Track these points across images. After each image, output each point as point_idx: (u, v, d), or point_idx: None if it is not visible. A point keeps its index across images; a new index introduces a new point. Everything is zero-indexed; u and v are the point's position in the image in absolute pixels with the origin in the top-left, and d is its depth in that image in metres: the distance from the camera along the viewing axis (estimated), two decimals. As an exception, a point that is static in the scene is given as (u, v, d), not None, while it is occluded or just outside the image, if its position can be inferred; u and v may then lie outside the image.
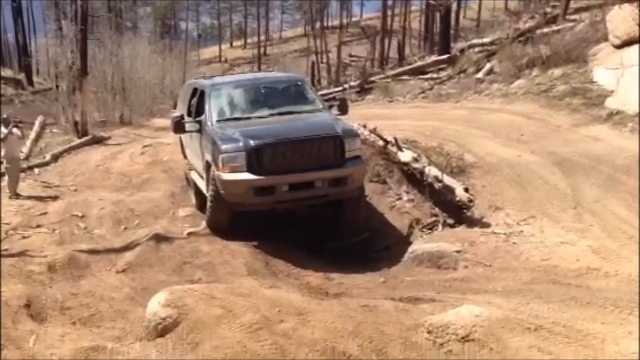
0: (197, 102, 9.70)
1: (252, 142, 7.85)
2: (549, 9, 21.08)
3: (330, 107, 9.54)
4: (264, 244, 8.04)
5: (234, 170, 7.83)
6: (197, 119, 9.21)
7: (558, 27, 17.26)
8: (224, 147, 7.94)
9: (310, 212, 9.06)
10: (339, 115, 9.19)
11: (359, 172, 8.28)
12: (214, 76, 11.37)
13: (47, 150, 17.42)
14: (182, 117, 9.53)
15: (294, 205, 8.48)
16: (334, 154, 8.00)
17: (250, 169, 7.80)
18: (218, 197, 8.15)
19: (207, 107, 9.04)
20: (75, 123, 20.55)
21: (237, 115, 8.98)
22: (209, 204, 8.47)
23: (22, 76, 35.36)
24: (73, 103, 22.37)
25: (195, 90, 10.16)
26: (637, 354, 4.31)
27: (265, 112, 9.04)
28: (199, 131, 9.01)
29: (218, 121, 8.77)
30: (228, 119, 8.84)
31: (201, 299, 5.21)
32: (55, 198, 11.46)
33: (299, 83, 9.99)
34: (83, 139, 18.99)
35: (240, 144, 7.89)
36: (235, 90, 9.49)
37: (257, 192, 7.86)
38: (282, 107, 9.16)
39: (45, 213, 10.23)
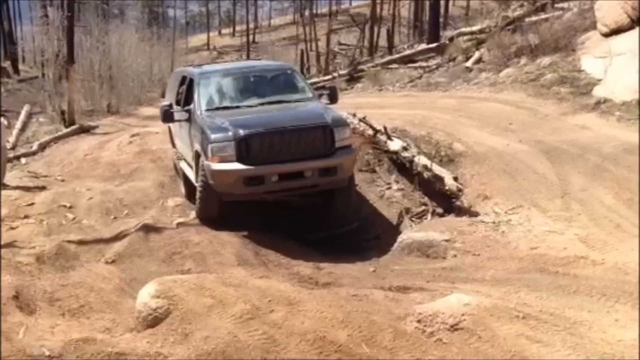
0: (186, 90, 9.64)
1: (241, 132, 7.82)
2: (537, -3, 21.14)
3: (320, 95, 9.53)
4: (253, 234, 8.03)
5: (223, 160, 7.80)
6: (186, 108, 9.16)
7: (547, 16, 17.30)
8: (213, 136, 7.91)
9: (300, 201, 9.06)
10: (328, 104, 9.18)
11: (349, 161, 8.28)
12: (202, 64, 11.30)
13: (33, 139, 17.27)
14: (170, 106, 9.46)
15: (283, 195, 8.47)
16: (323, 143, 7.99)
17: (239, 159, 7.77)
18: (207, 187, 8.13)
19: (196, 95, 8.98)
20: (62, 112, 20.35)
21: (227, 104, 8.94)
22: (198, 194, 8.44)
23: (7, 64, 34.96)
24: (60, 91, 22.15)
25: (184, 78, 10.08)
26: (622, 342, 4.38)
27: (254, 101, 9.01)
28: (188, 120, 8.97)
29: (207, 110, 8.71)
30: (217, 108, 8.79)
31: (191, 289, 5.22)
32: (42, 188, 11.37)
33: (289, 72, 9.95)
34: (70, 128, 18.79)
35: (230, 133, 7.85)
36: (225, 79, 9.43)
37: (247, 182, 7.84)
38: (272, 96, 9.12)
39: (33, 204, 10.15)
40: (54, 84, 23.01)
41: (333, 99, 9.31)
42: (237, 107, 8.85)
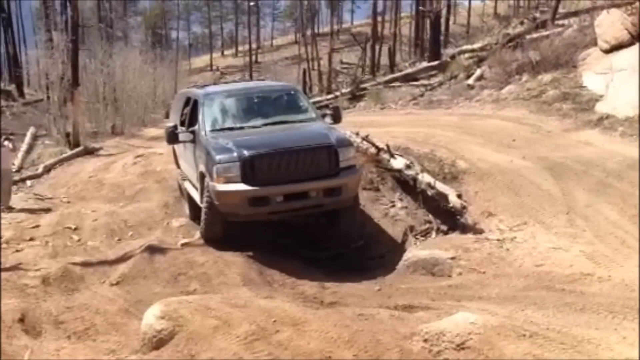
0: (190, 111, 9.69)
1: (246, 153, 7.83)
2: (537, 14, 21.29)
3: (324, 115, 9.57)
4: (258, 253, 8.03)
5: (228, 180, 7.82)
6: (191, 129, 9.20)
7: (547, 32, 17.39)
8: (218, 157, 7.93)
9: (305, 221, 9.06)
10: (332, 123, 9.22)
11: (354, 181, 8.29)
12: (206, 85, 11.37)
13: (39, 162, 17.38)
14: (175, 127, 9.52)
15: (288, 215, 8.47)
16: (328, 163, 7.99)
17: (244, 180, 7.78)
18: (212, 208, 8.13)
19: (200, 116, 9.02)
20: (67, 134, 20.49)
21: (231, 125, 8.97)
22: (203, 214, 8.44)
23: (12, 87, 35.22)
24: (64, 114, 22.32)
25: (188, 99, 10.14)
26: None
27: (258, 121, 9.04)
28: (193, 141, 9.00)
29: (212, 131, 8.74)
30: (222, 129, 8.82)
31: (197, 310, 5.21)
32: (47, 210, 11.42)
33: (292, 92, 9.99)
34: (75, 150, 18.92)
35: (235, 154, 7.87)
36: (229, 100, 9.47)
37: (252, 203, 7.84)
38: (276, 116, 9.16)
39: (38, 226, 10.19)
40: (59, 107, 23.19)
41: (337, 118, 9.36)
42: (242, 127, 8.88)
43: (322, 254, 8.79)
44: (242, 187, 7.78)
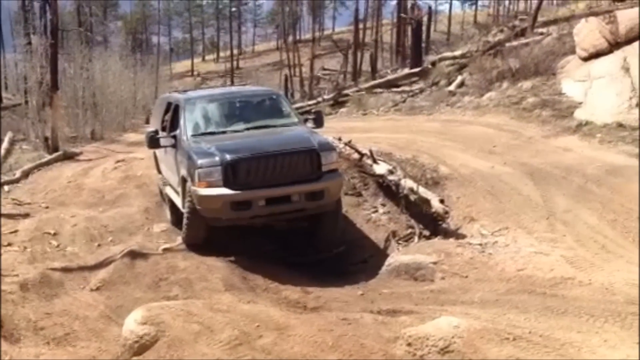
0: (172, 116, 9.64)
1: (228, 157, 7.80)
2: (517, 22, 21.53)
3: (306, 120, 9.57)
4: (240, 259, 7.99)
5: (210, 185, 7.77)
6: (172, 133, 9.15)
7: (527, 40, 17.58)
8: (199, 161, 7.89)
9: (287, 225, 9.04)
10: (314, 128, 9.22)
11: (336, 185, 8.29)
12: (188, 90, 11.32)
13: (16, 166, 17.08)
14: (156, 132, 9.46)
15: (271, 219, 8.44)
16: (310, 167, 8.00)
17: (226, 184, 7.74)
18: (194, 213, 8.08)
19: (181, 121, 8.98)
20: (46, 139, 20.23)
21: (213, 129, 8.93)
22: (185, 219, 8.38)
23: (-10, 92, 34.72)
24: (43, 119, 22.06)
25: (169, 104, 10.08)
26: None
27: (240, 126, 9.02)
28: (174, 146, 8.95)
29: (193, 135, 8.71)
30: (203, 134, 8.78)
31: (179, 315, 5.17)
32: (26, 216, 11.23)
33: (274, 97, 9.99)
34: (54, 155, 18.65)
35: (217, 158, 7.84)
36: (210, 105, 9.44)
37: (234, 207, 7.80)
38: (258, 120, 9.14)
39: (16, 231, 10.02)
40: (37, 111, 22.92)
41: (319, 123, 9.37)
42: (224, 132, 8.85)
43: (304, 259, 8.77)
44: (224, 191, 7.73)
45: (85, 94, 27.09)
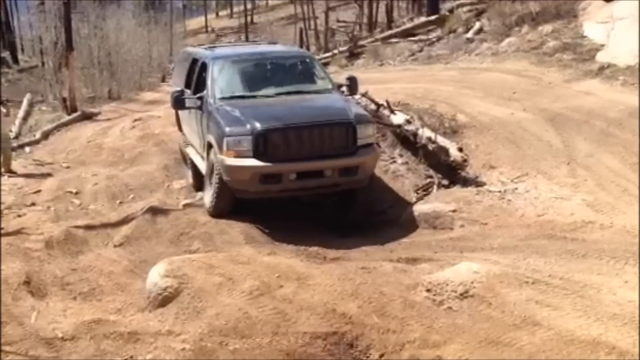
0: (197, 75, 9.10)
1: (259, 126, 7.30)
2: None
3: (340, 86, 9.00)
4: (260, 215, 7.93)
5: (239, 155, 7.32)
6: (198, 95, 8.57)
7: (547, -18, 17.07)
8: (228, 129, 7.41)
9: (316, 199, 8.60)
10: (348, 95, 8.83)
11: (371, 160, 7.88)
12: (214, 46, 10.65)
13: (36, 128, 17.25)
14: (182, 92, 8.82)
15: (300, 194, 8.05)
16: (345, 141, 7.50)
17: (256, 155, 7.28)
18: (221, 183, 7.63)
19: (209, 82, 8.41)
20: (64, 100, 20.29)
21: (242, 93, 8.36)
22: (212, 190, 7.87)
23: (6, 54, 34.77)
24: (60, 80, 22.08)
25: (194, 61, 9.50)
26: (633, 302, 4.38)
27: (272, 90, 8.43)
28: (200, 108, 8.42)
29: (221, 99, 8.12)
30: (232, 97, 8.20)
31: (201, 268, 5.25)
32: (48, 176, 11.40)
33: (308, 60, 9.37)
34: (72, 116, 18.75)
35: (247, 126, 7.33)
36: (240, 65, 8.83)
37: (263, 180, 7.36)
38: (290, 85, 8.60)
39: (39, 191, 10.18)
40: (54, 72, 22.92)
41: (353, 89, 8.90)
42: (254, 96, 8.31)
43: (324, 202, 8.60)
44: (253, 162, 7.27)
45: (100, 53, 26.96)
